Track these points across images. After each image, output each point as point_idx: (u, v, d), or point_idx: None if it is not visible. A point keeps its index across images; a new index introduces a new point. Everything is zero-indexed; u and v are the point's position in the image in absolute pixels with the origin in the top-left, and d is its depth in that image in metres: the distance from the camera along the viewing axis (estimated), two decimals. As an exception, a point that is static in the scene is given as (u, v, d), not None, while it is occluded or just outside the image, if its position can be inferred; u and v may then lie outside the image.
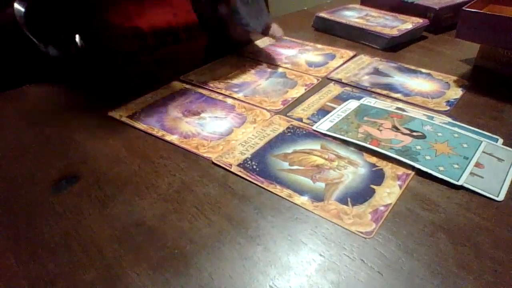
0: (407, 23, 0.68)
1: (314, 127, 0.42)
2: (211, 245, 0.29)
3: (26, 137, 0.41)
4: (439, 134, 0.41)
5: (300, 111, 0.46)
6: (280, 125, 0.43)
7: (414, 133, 0.41)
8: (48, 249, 0.29)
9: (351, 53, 0.62)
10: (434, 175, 0.35)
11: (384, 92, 0.50)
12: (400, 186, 0.35)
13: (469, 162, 0.37)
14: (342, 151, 0.39)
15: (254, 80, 0.53)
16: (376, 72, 0.56)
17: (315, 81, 0.53)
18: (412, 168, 0.36)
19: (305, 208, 0.32)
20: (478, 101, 0.49)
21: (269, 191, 0.34)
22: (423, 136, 0.41)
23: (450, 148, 0.39)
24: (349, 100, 0.48)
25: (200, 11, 0.60)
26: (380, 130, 0.42)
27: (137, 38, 0.57)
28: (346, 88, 0.51)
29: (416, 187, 0.35)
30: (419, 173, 0.36)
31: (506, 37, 0.50)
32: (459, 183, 0.35)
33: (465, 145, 0.39)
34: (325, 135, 0.41)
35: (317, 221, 0.31)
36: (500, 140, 0.41)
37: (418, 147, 0.39)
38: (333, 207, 0.32)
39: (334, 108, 0.46)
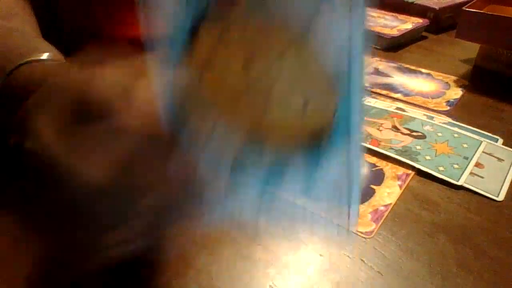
0: (407, 23, 0.68)
1: None
2: (211, 245, 0.29)
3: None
4: (439, 134, 0.41)
5: (300, 111, 0.46)
6: (280, 125, 0.43)
7: (414, 133, 0.41)
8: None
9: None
10: (434, 175, 0.35)
11: (384, 92, 0.50)
12: (400, 186, 0.35)
13: (469, 162, 0.37)
14: (342, 151, 0.39)
15: (254, 80, 0.53)
16: (376, 72, 0.56)
17: (315, 81, 0.53)
18: (412, 168, 0.36)
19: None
20: (478, 101, 0.49)
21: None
22: (423, 136, 0.41)
23: (450, 148, 0.39)
24: (349, 100, 0.48)
25: None
26: (380, 130, 0.42)
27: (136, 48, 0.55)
28: (346, 88, 0.51)
29: (416, 187, 0.35)
30: (419, 173, 0.36)
31: (506, 37, 0.50)
32: (459, 183, 0.35)
33: (465, 145, 0.39)
34: None
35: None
36: (500, 140, 0.41)
37: (418, 147, 0.39)
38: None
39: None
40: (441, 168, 0.36)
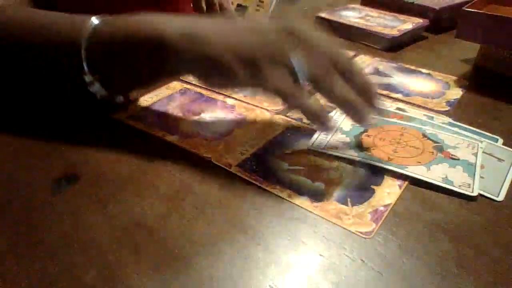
0: (407, 23, 0.68)
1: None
2: (211, 245, 0.29)
3: (26, 137, 0.41)
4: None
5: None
6: (280, 125, 0.43)
7: (414, 133, 0.41)
8: (48, 249, 0.29)
9: (351, 53, 0.62)
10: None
11: (384, 92, 0.50)
12: (400, 186, 0.35)
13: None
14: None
15: (254, 80, 0.53)
16: (376, 72, 0.56)
17: (315, 81, 0.53)
18: (412, 168, 0.36)
19: (304, 208, 0.32)
20: (478, 101, 0.49)
21: (269, 191, 0.34)
22: (423, 136, 0.41)
23: (450, 148, 0.39)
24: (349, 100, 0.47)
25: None
26: (380, 130, 0.41)
27: None
28: (346, 88, 0.51)
29: (416, 187, 0.35)
30: (419, 173, 0.36)
31: (506, 37, 0.50)
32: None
33: (465, 145, 0.39)
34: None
35: (317, 221, 0.31)
36: (500, 140, 0.41)
37: (418, 147, 0.39)
38: (333, 207, 0.32)
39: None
40: (441, 168, 0.36)
